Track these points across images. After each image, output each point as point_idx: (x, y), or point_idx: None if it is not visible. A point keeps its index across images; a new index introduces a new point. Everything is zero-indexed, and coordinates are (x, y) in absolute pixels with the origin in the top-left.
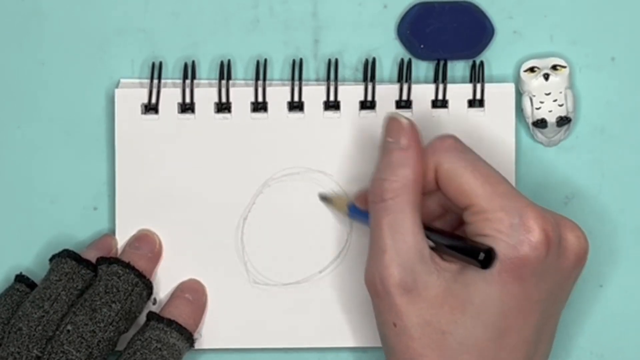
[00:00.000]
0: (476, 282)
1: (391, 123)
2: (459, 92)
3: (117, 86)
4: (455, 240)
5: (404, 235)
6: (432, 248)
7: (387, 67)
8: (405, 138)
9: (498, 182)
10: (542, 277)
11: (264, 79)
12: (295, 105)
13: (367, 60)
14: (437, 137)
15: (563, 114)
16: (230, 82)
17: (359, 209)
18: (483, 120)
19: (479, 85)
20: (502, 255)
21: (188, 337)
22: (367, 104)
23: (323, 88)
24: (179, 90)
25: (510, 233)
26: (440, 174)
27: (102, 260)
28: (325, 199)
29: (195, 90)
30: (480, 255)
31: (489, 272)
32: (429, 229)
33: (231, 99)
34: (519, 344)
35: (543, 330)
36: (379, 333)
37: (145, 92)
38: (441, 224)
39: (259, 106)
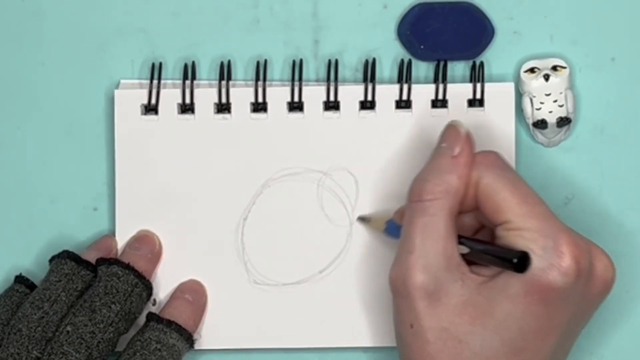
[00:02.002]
0: (501, 298)
1: (450, 130)
2: (458, 92)
3: (117, 87)
4: (490, 246)
5: (434, 239)
6: (466, 254)
7: (387, 68)
8: (459, 147)
9: (536, 202)
10: (566, 302)
11: (264, 79)
12: (295, 106)
13: (367, 61)
14: (479, 152)
15: (563, 115)
16: (230, 82)
17: (397, 226)
18: (483, 120)
19: (478, 85)
20: (531, 276)
21: (188, 337)
22: (367, 104)
23: (323, 88)
24: (178, 91)
25: (542, 255)
26: (480, 189)
27: (101, 261)
28: (363, 219)
29: (195, 90)
30: (514, 260)
31: (515, 291)
32: (463, 237)
33: (231, 100)
34: None
35: (559, 352)
36: (395, 330)
37: (145, 92)
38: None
39: (259, 106)
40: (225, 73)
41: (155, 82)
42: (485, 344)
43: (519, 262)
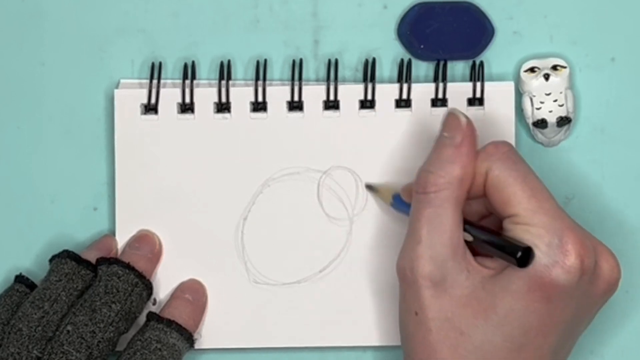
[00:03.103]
0: (504, 294)
1: (450, 119)
2: (458, 91)
3: (117, 86)
4: (495, 236)
5: (440, 230)
6: (470, 242)
7: (387, 68)
8: (460, 135)
9: (545, 198)
10: (569, 300)
11: (264, 79)
12: (295, 105)
13: (367, 61)
14: (492, 142)
15: (563, 114)
16: (230, 82)
17: (403, 201)
18: (483, 119)
19: (478, 84)
20: (534, 272)
21: (188, 337)
22: (367, 104)
23: (323, 88)
24: (178, 91)
25: (547, 252)
26: (490, 180)
27: (102, 260)
28: (371, 188)
29: (195, 90)
30: (518, 254)
31: (518, 287)
32: (470, 224)
33: (231, 99)
34: (535, 359)
35: (560, 350)
36: (399, 318)
37: (144, 92)
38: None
39: (259, 106)
40: (225, 73)
41: (155, 82)
42: (487, 338)
43: (522, 256)
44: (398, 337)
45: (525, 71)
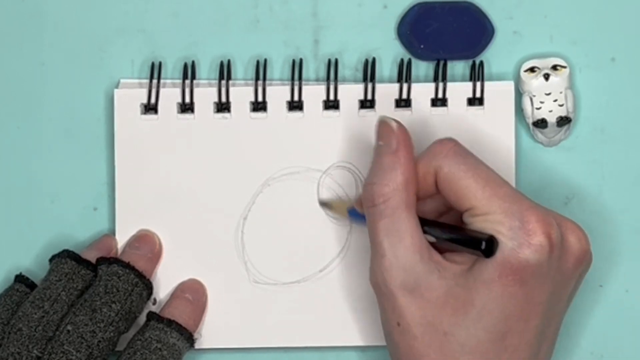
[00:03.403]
0: (477, 286)
1: (381, 126)
2: (458, 91)
3: (117, 86)
4: (456, 232)
5: (400, 237)
6: (433, 243)
7: (387, 67)
8: (395, 141)
9: (499, 185)
10: (543, 279)
11: (264, 79)
12: (295, 105)
13: (367, 60)
14: (437, 140)
15: (563, 114)
16: (230, 82)
17: (359, 213)
18: (483, 119)
19: (478, 84)
20: (502, 258)
21: (188, 337)
22: (367, 103)
23: (323, 87)
24: (178, 90)
25: (511, 235)
26: (440, 178)
27: (102, 260)
28: (324, 204)
29: (195, 90)
30: (482, 245)
31: (490, 276)
32: (428, 224)
33: (231, 99)
34: (521, 346)
35: (545, 332)
36: (384, 331)
37: (144, 92)
38: (443, 220)
39: (259, 106)
40: (225, 73)
41: (155, 81)
42: (470, 333)
43: (486, 246)
44: None
45: (525, 71)
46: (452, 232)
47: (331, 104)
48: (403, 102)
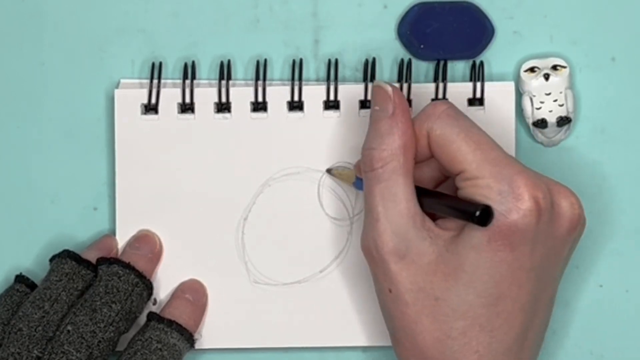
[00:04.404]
0: (467, 251)
1: (377, 91)
2: (458, 91)
3: (117, 86)
4: (452, 200)
5: (395, 202)
6: (428, 212)
7: (387, 67)
8: (391, 105)
9: (490, 148)
10: (534, 244)
11: (264, 79)
12: (295, 105)
13: (367, 60)
14: (430, 102)
15: (563, 114)
16: (230, 82)
17: (360, 178)
18: (483, 119)
19: (478, 84)
20: (491, 223)
21: (188, 337)
22: (367, 103)
23: (323, 88)
24: (178, 91)
25: (499, 200)
26: (432, 140)
27: (102, 260)
28: (330, 172)
29: (195, 90)
30: (476, 213)
31: (479, 241)
32: (424, 193)
33: (231, 99)
34: (515, 311)
35: (539, 299)
36: (378, 299)
37: (145, 92)
38: (441, 189)
39: (259, 106)
40: (225, 73)
41: (155, 81)
42: (461, 298)
43: (481, 215)
44: None
45: (525, 71)
46: (447, 201)
47: (331, 104)
48: None
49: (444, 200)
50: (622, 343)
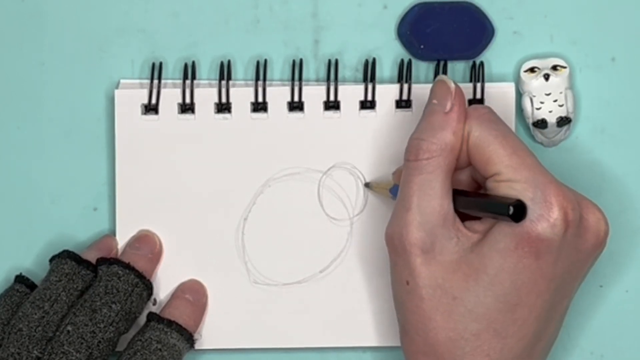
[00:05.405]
0: (492, 253)
1: (439, 86)
2: None
3: (117, 87)
4: (485, 198)
5: (431, 196)
6: (462, 208)
7: (387, 68)
8: (450, 102)
9: (526, 154)
10: (558, 255)
11: (264, 79)
12: (295, 106)
13: (367, 61)
14: (472, 106)
15: (563, 114)
16: (230, 82)
17: (398, 186)
18: None
19: (479, 85)
20: (521, 228)
21: (188, 337)
22: (367, 104)
23: (323, 88)
24: (179, 91)
25: (531, 206)
26: (471, 142)
27: (102, 260)
28: (368, 185)
29: (195, 90)
30: (511, 208)
31: (506, 245)
32: (457, 192)
33: (231, 99)
34: (529, 320)
35: (555, 309)
36: (392, 289)
37: (145, 92)
38: None
39: (259, 106)
40: (225, 73)
41: (155, 82)
42: (479, 300)
43: (515, 211)
44: (398, 337)
45: (525, 71)
46: (481, 199)
47: (331, 105)
48: (404, 103)
49: (478, 197)
50: (622, 343)
